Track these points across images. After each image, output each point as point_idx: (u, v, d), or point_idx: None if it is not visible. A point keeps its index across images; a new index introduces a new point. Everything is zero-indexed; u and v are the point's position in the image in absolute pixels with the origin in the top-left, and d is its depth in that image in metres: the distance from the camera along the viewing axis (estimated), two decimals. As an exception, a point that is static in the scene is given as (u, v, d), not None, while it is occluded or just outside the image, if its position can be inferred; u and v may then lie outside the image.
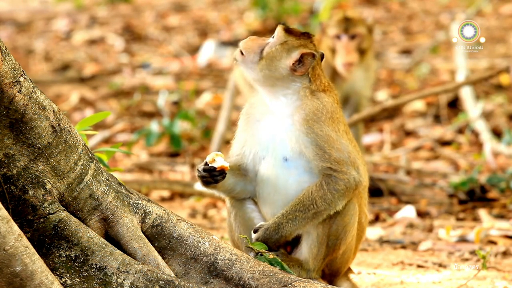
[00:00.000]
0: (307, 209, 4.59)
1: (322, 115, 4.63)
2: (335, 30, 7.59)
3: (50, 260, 4.15)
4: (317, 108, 4.63)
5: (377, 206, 7.45)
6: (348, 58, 7.54)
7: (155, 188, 7.98)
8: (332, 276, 4.81)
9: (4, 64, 4.09)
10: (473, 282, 5.40)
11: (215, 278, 4.34)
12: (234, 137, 4.82)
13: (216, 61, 12.81)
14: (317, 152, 4.59)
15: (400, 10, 14.96)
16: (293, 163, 4.63)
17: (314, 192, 4.59)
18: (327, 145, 4.59)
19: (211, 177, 4.61)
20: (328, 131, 4.60)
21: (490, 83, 10.64)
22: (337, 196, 4.59)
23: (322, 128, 4.61)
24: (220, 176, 4.61)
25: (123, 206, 4.34)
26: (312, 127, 4.60)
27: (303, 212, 4.59)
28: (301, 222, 4.60)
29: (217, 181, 4.62)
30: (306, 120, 4.61)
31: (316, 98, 4.67)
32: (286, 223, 4.60)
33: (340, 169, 4.59)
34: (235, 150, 4.77)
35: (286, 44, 4.68)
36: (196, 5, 16.03)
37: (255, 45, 4.72)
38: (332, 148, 4.59)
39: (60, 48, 13.91)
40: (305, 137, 4.60)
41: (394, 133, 9.80)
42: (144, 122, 10.31)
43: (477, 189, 7.44)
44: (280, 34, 4.71)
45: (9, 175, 4.13)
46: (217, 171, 4.59)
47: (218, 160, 4.59)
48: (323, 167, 4.58)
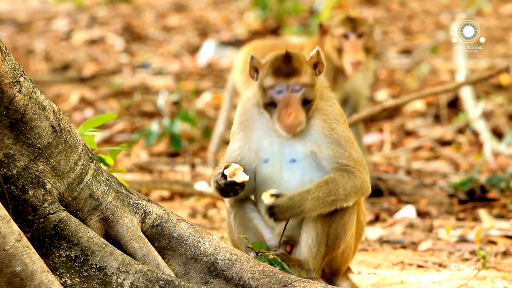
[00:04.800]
0: (330, 193, 4.55)
1: (341, 117, 4.68)
2: (342, 30, 7.60)
3: (50, 260, 4.15)
4: (335, 112, 4.65)
5: (377, 206, 7.45)
6: (356, 56, 7.56)
7: (155, 188, 7.98)
8: (332, 276, 4.81)
9: (4, 64, 4.09)
10: (473, 282, 5.40)
11: (215, 278, 4.34)
12: (232, 134, 4.79)
13: (216, 61, 12.81)
14: (337, 151, 4.59)
15: (400, 10, 14.97)
16: (300, 164, 4.63)
17: (337, 180, 4.57)
18: (348, 145, 4.62)
19: (232, 191, 4.59)
20: (347, 132, 4.66)
21: (490, 83, 10.64)
22: (353, 191, 4.59)
23: (343, 129, 4.65)
24: (241, 189, 4.59)
25: (123, 206, 4.34)
26: (335, 129, 4.62)
27: (326, 195, 4.55)
28: (320, 204, 4.55)
29: (237, 194, 4.61)
30: (328, 122, 4.62)
31: (328, 99, 4.69)
32: (310, 201, 4.54)
33: (357, 168, 4.60)
34: (234, 152, 4.73)
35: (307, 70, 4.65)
36: (196, 5, 16.02)
37: (300, 117, 4.61)
38: (352, 148, 4.63)
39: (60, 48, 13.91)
40: (326, 139, 4.60)
41: (394, 133, 9.80)
42: (144, 122, 10.32)
43: (477, 189, 7.44)
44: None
45: (9, 175, 4.13)
46: (238, 185, 4.57)
47: (240, 175, 4.55)
48: (342, 164, 4.58)
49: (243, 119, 4.74)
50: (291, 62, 4.60)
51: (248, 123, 4.72)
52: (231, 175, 4.55)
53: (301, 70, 4.59)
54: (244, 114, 4.75)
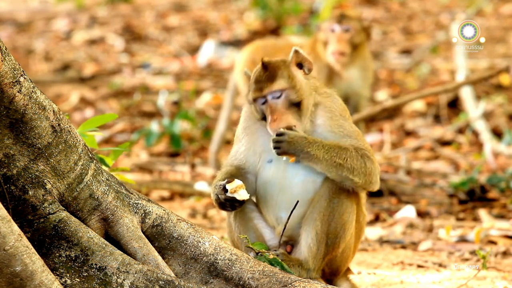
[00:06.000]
0: (338, 156, 4.54)
1: (346, 112, 4.71)
2: (329, 23, 7.63)
3: (50, 260, 4.15)
4: (340, 108, 4.66)
5: (377, 206, 7.45)
6: (339, 46, 7.54)
7: (155, 188, 7.98)
8: (332, 275, 4.82)
9: (4, 64, 4.09)
10: (473, 282, 5.40)
11: (215, 278, 4.34)
12: (236, 138, 4.81)
13: (216, 61, 12.81)
14: (350, 142, 4.60)
15: (400, 10, 14.97)
16: (304, 164, 4.64)
17: (350, 150, 4.57)
18: (359, 138, 4.65)
19: (231, 206, 4.60)
20: (354, 127, 4.69)
21: (490, 83, 10.64)
22: (361, 171, 4.58)
23: (351, 125, 4.69)
24: (240, 206, 4.61)
25: (123, 206, 4.34)
26: (343, 125, 4.64)
27: (334, 155, 4.54)
28: (327, 159, 4.54)
29: (235, 209, 4.63)
30: (335, 119, 4.63)
31: (329, 96, 4.70)
32: (319, 148, 4.53)
33: (370, 156, 4.61)
34: (239, 154, 4.76)
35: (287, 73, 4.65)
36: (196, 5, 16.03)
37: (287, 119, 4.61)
38: (363, 141, 4.66)
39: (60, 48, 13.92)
40: (335, 135, 4.62)
41: (394, 133, 9.80)
42: (144, 122, 10.32)
43: (477, 189, 7.44)
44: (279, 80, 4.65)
45: (9, 175, 4.13)
46: (238, 202, 4.57)
47: (242, 194, 4.54)
48: (357, 147, 4.58)
49: (247, 124, 4.78)
50: (268, 70, 4.62)
51: (252, 127, 4.75)
52: (232, 191, 4.54)
53: (277, 77, 4.60)
54: (248, 119, 4.78)
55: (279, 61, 4.67)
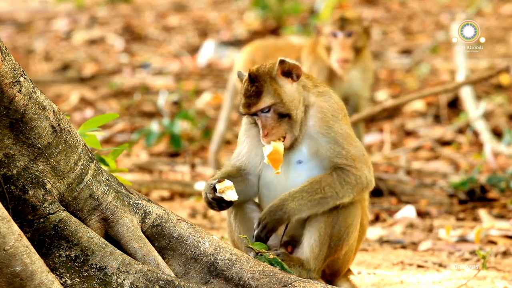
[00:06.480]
0: (314, 192, 4.57)
1: (339, 112, 4.66)
2: (331, 28, 7.61)
3: (50, 260, 4.15)
4: (333, 107, 4.65)
5: (377, 206, 7.45)
6: (343, 54, 7.54)
7: (155, 188, 7.98)
8: (332, 276, 4.81)
9: (4, 64, 4.09)
10: (473, 282, 5.40)
11: (215, 278, 4.34)
12: (239, 140, 4.81)
13: (216, 61, 12.81)
14: (334, 150, 4.60)
15: (400, 10, 14.97)
16: (306, 165, 4.65)
17: (322, 179, 4.59)
18: (346, 142, 4.63)
19: (218, 206, 4.61)
20: (346, 128, 4.66)
21: (490, 83, 10.64)
22: (346, 188, 4.59)
23: (342, 126, 4.65)
24: (228, 207, 4.62)
25: (123, 206, 4.34)
26: (332, 127, 4.62)
27: (310, 194, 4.57)
28: (306, 203, 4.57)
29: (222, 210, 4.64)
30: (325, 120, 4.62)
31: (323, 95, 4.68)
32: (291, 201, 4.57)
33: (354, 165, 4.61)
34: (242, 156, 4.76)
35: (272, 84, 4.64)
36: (196, 5, 16.03)
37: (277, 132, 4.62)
38: (351, 145, 4.63)
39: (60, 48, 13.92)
40: (324, 138, 4.61)
41: (394, 133, 9.80)
42: (144, 122, 10.32)
43: (477, 189, 7.44)
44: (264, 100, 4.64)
45: (9, 175, 4.13)
46: (226, 202, 4.59)
47: (229, 194, 4.56)
48: (337, 163, 4.60)
49: (248, 127, 4.78)
50: (254, 85, 4.60)
51: (253, 130, 4.75)
52: (221, 191, 4.56)
53: (262, 93, 4.59)
54: (248, 122, 4.78)
55: (266, 73, 4.62)
